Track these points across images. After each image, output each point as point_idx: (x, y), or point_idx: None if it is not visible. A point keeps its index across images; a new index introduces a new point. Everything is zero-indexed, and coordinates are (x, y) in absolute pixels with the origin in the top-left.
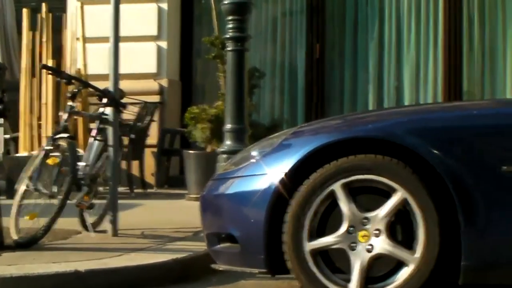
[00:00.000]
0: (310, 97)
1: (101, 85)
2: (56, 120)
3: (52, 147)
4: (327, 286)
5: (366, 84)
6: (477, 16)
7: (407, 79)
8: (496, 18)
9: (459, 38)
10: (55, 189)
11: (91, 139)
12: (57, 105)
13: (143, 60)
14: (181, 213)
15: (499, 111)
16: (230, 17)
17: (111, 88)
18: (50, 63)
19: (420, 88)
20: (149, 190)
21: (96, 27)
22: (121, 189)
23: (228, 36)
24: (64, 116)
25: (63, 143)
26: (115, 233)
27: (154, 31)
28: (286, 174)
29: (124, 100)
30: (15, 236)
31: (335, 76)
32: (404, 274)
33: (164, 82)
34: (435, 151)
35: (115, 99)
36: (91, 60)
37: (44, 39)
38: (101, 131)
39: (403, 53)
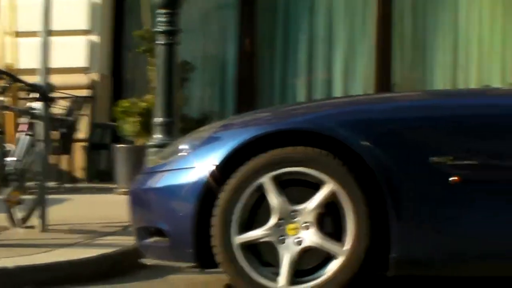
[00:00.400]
0: (240, 90)
1: (32, 79)
2: None
3: None
4: (255, 279)
5: (297, 77)
6: (407, 10)
7: (338, 72)
8: (426, 12)
9: (389, 32)
10: None
11: (20, 134)
12: None
13: (74, 54)
14: (110, 207)
15: (428, 103)
16: (161, 11)
17: (41, 82)
18: None
19: (350, 81)
20: (79, 185)
21: (27, 21)
22: (50, 183)
23: (158, 29)
24: None
25: None
26: (44, 228)
27: (85, 25)
28: (215, 167)
29: (53, 95)
30: None
31: (266, 69)
32: (333, 266)
33: (95, 76)
34: (365, 143)
35: (44, 93)
36: (22, 54)
37: None
38: (30, 125)
39: (333, 46)
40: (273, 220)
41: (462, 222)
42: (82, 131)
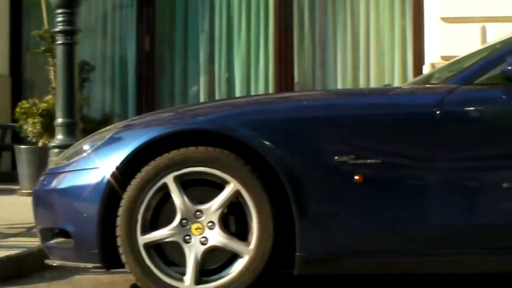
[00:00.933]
0: (141, 90)
1: None
2: None
3: None
4: (162, 279)
5: (197, 76)
6: (307, 10)
7: (239, 71)
8: (326, 12)
9: (290, 31)
10: None
11: None
12: None
13: None
14: (13, 209)
15: (330, 102)
16: (59, 10)
17: None
18: None
19: (251, 80)
20: None
21: None
22: None
23: (57, 29)
24: None
25: None
26: None
27: None
28: (117, 168)
29: None
30: None
31: (166, 69)
32: (239, 266)
33: None
34: (267, 143)
35: None
36: None
37: None
38: None
39: (234, 45)
40: (177, 220)
41: (365, 220)
42: None
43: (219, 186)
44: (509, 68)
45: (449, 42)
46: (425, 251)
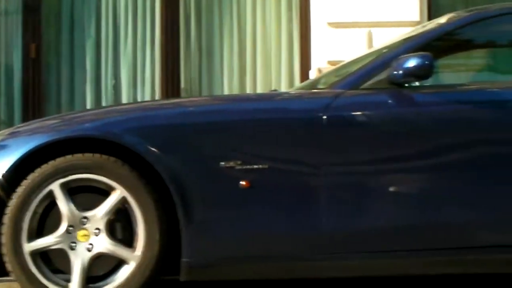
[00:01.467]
0: (26, 97)
1: None
2: None
3: None
4: (48, 287)
5: (84, 83)
6: (194, 16)
7: (125, 78)
8: (213, 18)
9: (176, 37)
10: None
11: None
12: None
13: None
14: None
15: (216, 108)
16: None
17: None
18: None
19: (138, 86)
20: None
21: None
22: None
23: None
24: None
25: None
26: None
27: None
28: (3, 175)
29: None
30: None
31: (52, 76)
32: (125, 272)
33: None
34: (153, 149)
35: None
36: None
37: None
38: None
39: (120, 52)
40: (63, 227)
41: (251, 226)
42: None
43: (106, 192)
44: (395, 73)
45: (335, 47)
46: (313, 255)
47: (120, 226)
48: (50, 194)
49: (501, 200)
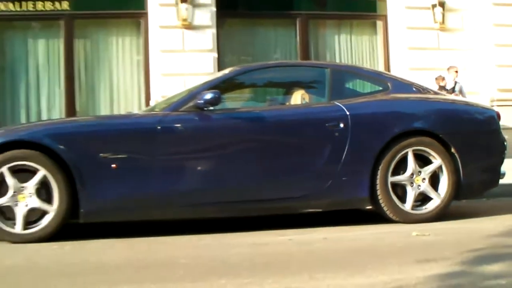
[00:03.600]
0: None
1: None
2: None
3: None
4: (2, 227)
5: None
6: (84, 68)
7: (44, 104)
8: (93, 72)
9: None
10: None
11: None
12: None
13: None
14: None
15: (97, 122)
16: None
17: None
18: None
19: (51, 109)
20: None
21: None
22: None
23: None
24: None
25: None
26: None
27: None
28: None
29: None
30: None
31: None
32: (48, 218)
33: None
34: (61, 146)
35: None
36: None
37: None
38: None
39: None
40: (10, 193)
41: (117, 190)
42: None
43: (34, 172)
44: (198, 101)
45: (166, 88)
46: (153, 206)
47: (43, 191)
48: (1, 174)
49: (260, 173)
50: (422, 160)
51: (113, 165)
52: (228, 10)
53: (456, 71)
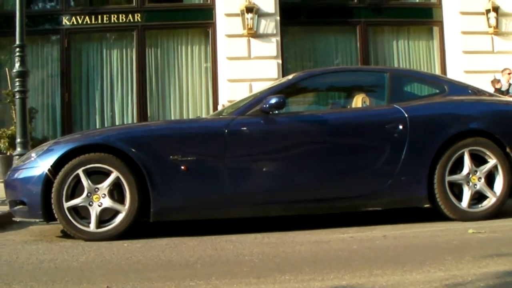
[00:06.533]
0: (64, 120)
1: None
2: None
3: None
4: (78, 226)
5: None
6: (154, 76)
7: (117, 110)
8: (164, 79)
9: (145, 83)
10: None
11: None
12: None
13: None
14: None
15: (167, 126)
16: (16, 79)
17: None
18: None
19: (125, 115)
20: None
21: None
22: None
23: (16, 89)
24: None
25: None
26: None
27: None
28: (51, 166)
29: None
30: None
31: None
32: (120, 217)
33: None
34: (133, 150)
35: None
36: None
37: None
38: None
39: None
40: (85, 194)
41: (188, 191)
42: None
43: (108, 174)
44: (264, 106)
45: (233, 93)
46: (220, 206)
47: (115, 193)
48: (77, 176)
49: (323, 174)
50: (478, 160)
51: (183, 167)
52: (291, 19)
53: (510, 73)
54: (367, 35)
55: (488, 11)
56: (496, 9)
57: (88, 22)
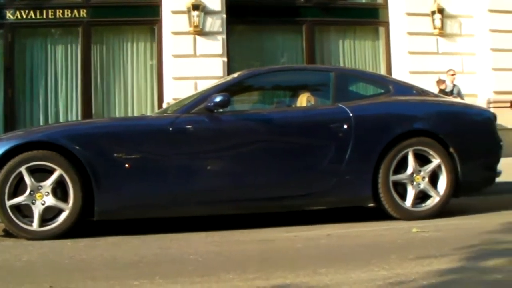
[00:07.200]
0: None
1: None
2: None
3: None
4: (20, 225)
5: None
6: (99, 73)
7: (61, 107)
8: (109, 77)
9: (90, 80)
10: None
11: None
12: None
13: None
14: None
15: (111, 123)
16: None
17: None
18: None
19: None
20: None
21: None
22: None
23: None
24: None
25: None
26: None
27: None
28: None
29: None
30: None
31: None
32: (63, 216)
33: None
34: (77, 147)
35: None
36: None
37: None
38: None
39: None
40: (28, 191)
41: (132, 190)
42: None
43: (51, 172)
44: (209, 104)
45: (178, 91)
46: (166, 204)
47: (59, 191)
48: (20, 173)
49: (268, 172)
50: (422, 160)
51: (127, 165)
52: (238, 17)
53: (453, 75)
54: (314, 34)
55: (433, 12)
56: (441, 10)
57: (33, 16)
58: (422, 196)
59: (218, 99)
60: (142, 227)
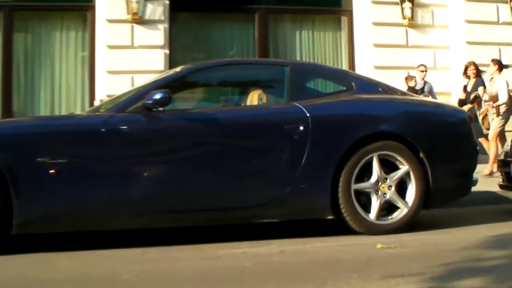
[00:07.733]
0: None
1: None
2: None
3: None
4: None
5: None
6: (22, 65)
7: None
8: (34, 70)
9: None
10: None
11: None
12: None
13: None
14: None
15: (35, 123)
16: None
17: None
18: None
19: None
20: None
21: None
22: None
23: None
24: None
25: None
26: None
27: None
28: None
29: None
30: None
31: None
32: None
33: None
34: None
35: None
36: None
37: None
38: None
39: None
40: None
41: (58, 197)
42: None
43: None
44: (147, 102)
45: (112, 87)
46: (96, 216)
47: None
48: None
49: (213, 180)
50: (389, 166)
51: (52, 171)
52: (182, 4)
53: (424, 71)
54: (267, 24)
55: (402, 1)
56: None
57: None
58: (388, 208)
59: (157, 96)
60: (69, 243)
